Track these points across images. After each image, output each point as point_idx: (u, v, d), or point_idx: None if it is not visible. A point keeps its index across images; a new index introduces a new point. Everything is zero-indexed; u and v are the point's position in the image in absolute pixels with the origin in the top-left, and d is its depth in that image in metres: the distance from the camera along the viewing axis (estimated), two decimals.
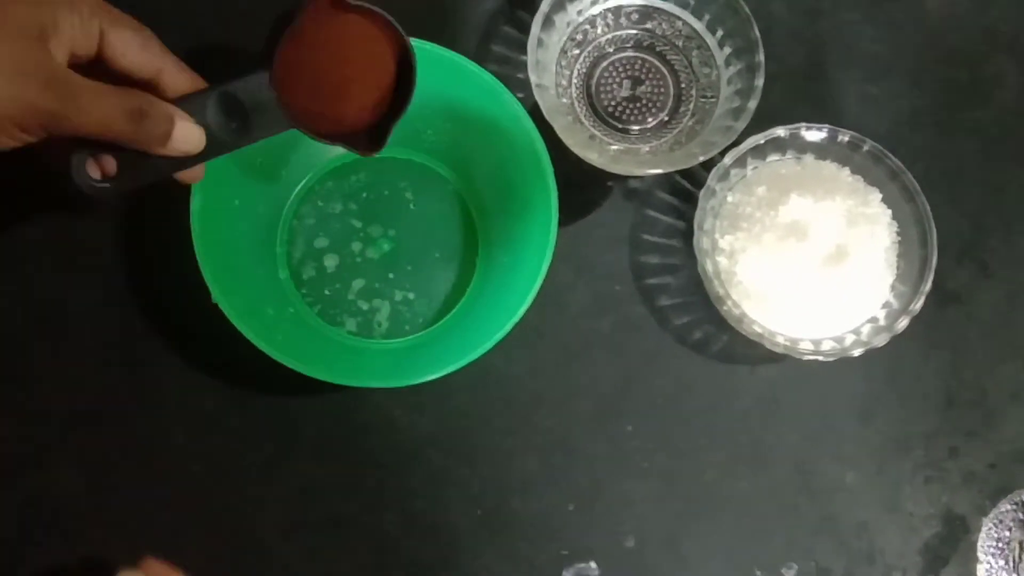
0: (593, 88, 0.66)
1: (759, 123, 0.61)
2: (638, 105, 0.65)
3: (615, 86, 0.66)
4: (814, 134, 0.63)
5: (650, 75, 0.66)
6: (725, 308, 0.60)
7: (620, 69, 0.66)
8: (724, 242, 0.62)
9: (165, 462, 0.61)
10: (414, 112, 0.62)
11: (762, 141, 0.62)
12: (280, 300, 0.62)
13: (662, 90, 0.66)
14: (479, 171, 0.64)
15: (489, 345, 0.55)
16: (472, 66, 0.59)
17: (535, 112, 0.59)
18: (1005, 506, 0.64)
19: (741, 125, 0.60)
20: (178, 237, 0.55)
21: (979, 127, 0.68)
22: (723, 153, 0.61)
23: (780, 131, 0.62)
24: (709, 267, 0.61)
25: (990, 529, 0.63)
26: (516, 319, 0.56)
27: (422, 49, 0.59)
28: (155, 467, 0.61)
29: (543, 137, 0.59)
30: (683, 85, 0.66)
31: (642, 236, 0.66)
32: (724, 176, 0.62)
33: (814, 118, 0.64)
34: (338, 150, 0.62)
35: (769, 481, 0.63)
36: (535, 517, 0.62)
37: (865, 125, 0.67)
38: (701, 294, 0.63)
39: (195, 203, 0.56)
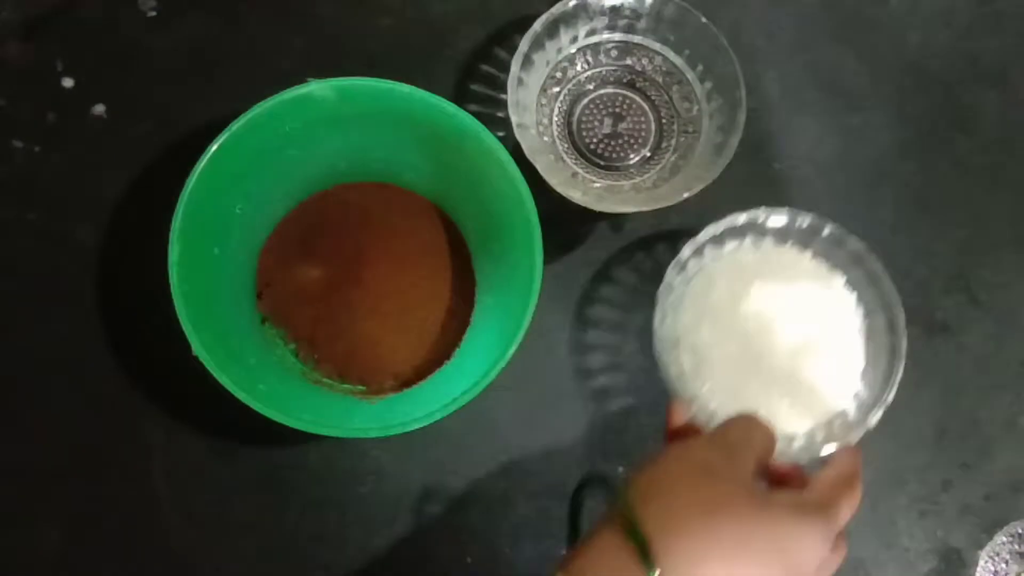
0: (575, 125, 0.65)
1: (744, 156, 0.60)
2: (620, 142, 0.65)
3: (596, 123, 0.65)
4: (773, 220, 0.60)
5: (631, 111, 0.65)
6: (694, 411, 0.55)
7: (601, 106, 0.65)
8: (686, 344, 0.59)
9: (147, 516, 0.60)
10: (392, 154, 0.62)
11: (720, 231, 0.59)
12: (263, 348, 0.61)
13: (644, 126, 0.65)
14: (461, 212, 0.63)
15: (476, 391, 0.54)
16: (451, 107, 0.58)
17: (516, 151, 0.59)
18: (1001, 539, 0.63)
19: (724, 161, 0.60)
20: (158, 286, 0.54)
21: (964, 156, 0.68)
22: (683, 237, 0.59)
23: (740, 218, 0.59)
24: (673, 370, 0.58)
25: (987, 563, 0.63)
26: (503, 364, 0.55)
27: (400, 91, 0.58)
28: (136, 521, 0.60)
29: (525, 175, 0.58)
30: (664, 121, 0.65)
31: (625, 278, 0.65)
32: (682, 268, 0.59)
33: (796, 152, 0.64)
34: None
35: None
36: (527, 564, 0.61)
37: (847, 156, 0.67)
38: None
39: (173, 253, 0.54)
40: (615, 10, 0.63)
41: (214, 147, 0.55)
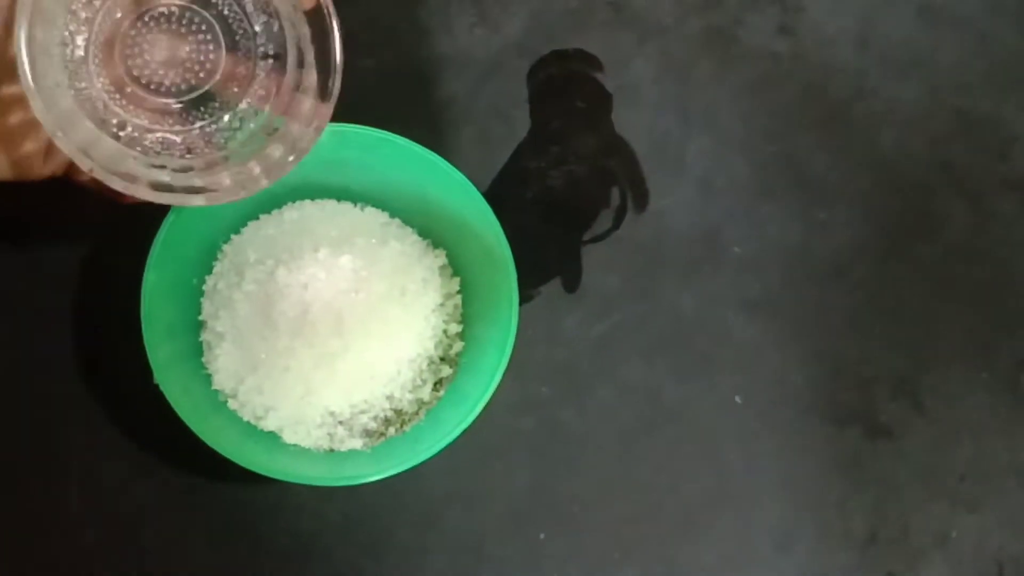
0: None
1: (708, 237, 0.60)
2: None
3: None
4: None
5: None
6: None
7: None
8: None
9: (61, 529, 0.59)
10: (384, 202, 0.62)
11: None
12: None
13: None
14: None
15: (432, 453, 0.54)
16: (444, 163, 0.58)
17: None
18: None
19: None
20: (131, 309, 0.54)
21: (923, 263, 0.68)
22: None
23: None
24: None
25: None
26: (463, 427, 0.55)
27: (396, 143, 0.58)
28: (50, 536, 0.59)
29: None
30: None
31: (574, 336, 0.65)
32: None
33: (756, 236, 0.63)
34: None
35: None
36: None
37: (808, 248, 0.67)
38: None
39: (148, 279, 0.54)
40: None
41: None
